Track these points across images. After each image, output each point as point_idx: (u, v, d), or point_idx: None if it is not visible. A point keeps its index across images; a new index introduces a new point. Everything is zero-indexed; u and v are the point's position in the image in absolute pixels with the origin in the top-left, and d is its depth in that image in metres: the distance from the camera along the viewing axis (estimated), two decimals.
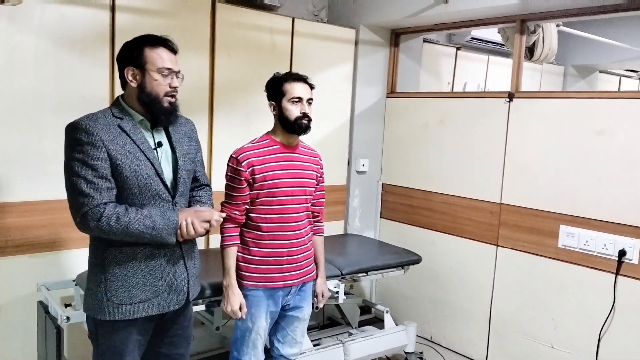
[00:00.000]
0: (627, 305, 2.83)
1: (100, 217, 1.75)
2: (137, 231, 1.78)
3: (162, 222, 1.82)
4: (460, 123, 3.59)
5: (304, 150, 2.45)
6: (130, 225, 1.77)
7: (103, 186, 1.77)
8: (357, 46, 3.87)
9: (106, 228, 1.76)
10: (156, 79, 1.84)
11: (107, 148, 1.78)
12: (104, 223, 1.75)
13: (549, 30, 3.93)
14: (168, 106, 1.88)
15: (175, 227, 1.84)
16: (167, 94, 1.87)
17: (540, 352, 3.20)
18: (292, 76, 2.32)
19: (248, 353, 2.38)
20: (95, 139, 1.77)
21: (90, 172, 1.75)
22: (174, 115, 1.93)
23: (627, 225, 2.81)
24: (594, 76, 6.13)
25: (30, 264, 2.69)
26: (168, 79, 1.86)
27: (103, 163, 1.77)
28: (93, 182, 1.75)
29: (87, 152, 1.76)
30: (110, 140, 1.79)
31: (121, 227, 1.76)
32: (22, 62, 2.56)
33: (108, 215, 1.75)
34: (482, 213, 3.47)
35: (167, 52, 1.87)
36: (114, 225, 1.75)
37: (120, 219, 1.76)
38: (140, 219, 1.79)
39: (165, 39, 1.89)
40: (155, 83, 1.85)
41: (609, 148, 2.88)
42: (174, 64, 1.88)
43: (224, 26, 3.19)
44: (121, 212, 1.77)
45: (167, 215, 1.84)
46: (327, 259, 2.79)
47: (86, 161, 1.75)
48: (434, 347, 3.73)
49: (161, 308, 1.91)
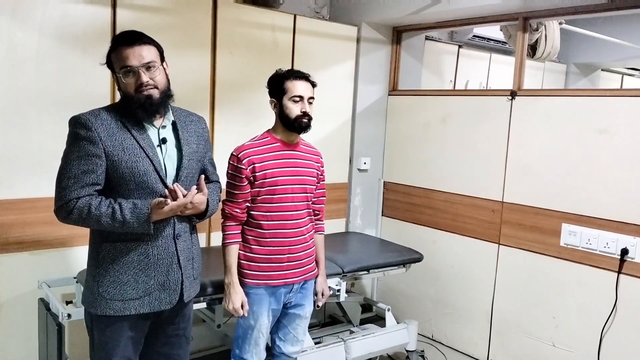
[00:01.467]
0: (629, 304, 2.83)
1: (71, 210, 1.78)
2: (108, 224, 1.80)
3: (132, 216, 1.79)
4: (462, 121, 3.58)
5: (305, 148, 2.44)
6: (101, 219, 1.79)
7: (87, 181, 1.79)
8: (359, 44, 3.86)
9: (78, 220, 1.80)
10: (123, 78, 1.82)
11: (104, 144, 1.79)
12: (75, 215, 1.79)
13: (552, 28, 3.92)
14: (144, 100, 1.82)
15: (146, 218, 1.80)
16: (138, 90, 1.81)
17: (542, 350, 3.19)
18: (294, 74, 2.31)
19: (250, 351, 2.38)
20: (92, 134, 1.78)
21: (81, 167, 1.78)
22: (154, 107, 1.85)
23: (630, 224, 2.80)
24: (596, 74, 6.11)
25: (31, 261, 2.69)
26: (132, 77, 1.81)
27: (96, 159, 1.78)
28: (78, 177, 1.78)
29: (83, 147, 1.78)
30: (108, 136, 1.80)
31: (92, 220, 1.79)
32: (24, 59, 2.56)
33: (79, 208, 1.78)
34: (484, 211, 3.46)
35: (126, 48, 1.80)
36: (85, 217, 1.79)
37: (90, 212, 1.78)
38: (109, 213, 1.78)
39: (122, 33, 1.84)
40: (123, 84, 1.83)
41: (611, 146, 2.87)
42: (136, 58, 1.79)
43: (226, 23, 3.18)
44: (93, 205, 1.78)
45: (138, 208, 1.80)
46: (328, 256, 2.79)
47: (80, 156, 1.78)
48: (435, 346, 3.73)
49: (152, 307, 1.90)
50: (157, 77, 1.85)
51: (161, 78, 1.87)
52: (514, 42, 3.51)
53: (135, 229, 1.81)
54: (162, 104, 1.88)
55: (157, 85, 1.84)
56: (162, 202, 1.79)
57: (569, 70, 5.88)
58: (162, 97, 1.87)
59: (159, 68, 1.86)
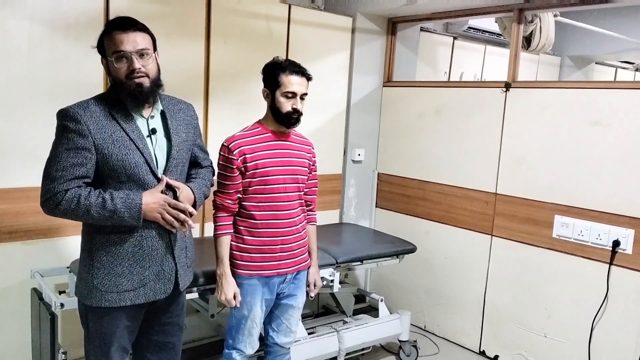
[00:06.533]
0: (620, 295, 2.85)
1: (60, 202, 1.75)
2: (98, 214, 1.76)
3: (124, 206, 1.77)
4: (456, 113, 3.58)
5: (296, 138, 2.43)
6: (90, 209, 1.75)
7: (76, 174, 1.76)
8: (353, 34, 3.85)
9: (67, 212, 1.76)
10: (115, 64, 1.79)
11: (93, 137, 1.76)
12: (63, 206, 1.75)
13: (546, 20, 3.92)
14: (135, 88, 1.79)
15: (138, 210, 1.79)
16: (129, 77, 1.79)
17: (534, 341, 3.22)
18: (290, 68, 2.27)
19: (243, 341, 2.38)
20: (82, 127, 1.75)
21: (69, 159, 1.75)
22: (143, 96, 1.83)
23: (622, 216, 2.82)
24: (590, 67, 6.13)
25: (24, 251, 2.69)
26: (124, 62, 1.78)
27: (86, 152, 1.76)
28: (67, 169, 1.75)
29: (72, 140, 1.75)
30: (98, 129, 1.77)
31: (81, 211, 1.76)
32: (15, 47, 2.54)
33: (68, 200, 1.75)
34: (477, 203, 3.47)
35: (120, 33, 1.77)
36: (74, 208, 1.75)
37: (80, 203, 1.75)
38: (100, 203, 1.76)
39: (117, 18, 1.82)
40: (114, 69, 1.80)
41: (604, 138, 2.88)
42: (130, 44, 1.77)
43: (220, 12, 3.16)
44: (83, 195, 1.75)
45: (130, 198, 1.79)
46: (322, 247, 2.79)
47: (69, 148, 1.75)
48: (427, 336, 3.75)
49: (147, 297, 1.90)
50: (149, 66, 1.83)
51: (153, 67, 1.85)
52: (509, 33, 3.51)
53: (125, 220, 1.79)
54: (152, 93, 1.86)
55: (148, 73, 1.82)
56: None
57: (563, 63, 5.89)
58: (152, 86, 1.84)
59: (151, 57, 1.84)
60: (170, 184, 1.88)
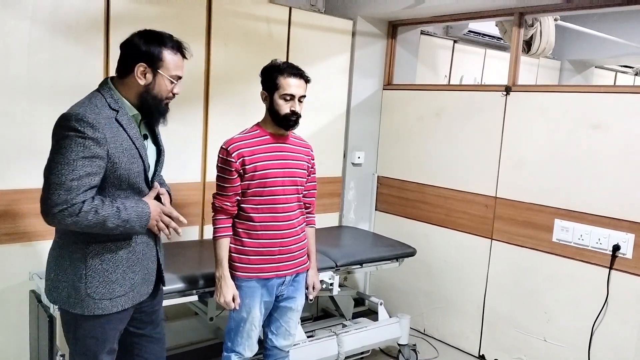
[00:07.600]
0: (620, 300, 2.84)
1: (79, 213, 1.68)
2: (113, 225, 1.74)
3: (136, 216, 1.80)
4: (456, 116, 3.58)
5: (295, 140, 2.43)
6: (107, 220, 1.73)
7: (90, 184, 1.71)
8: (354, 37, 3.85)
9: (81, 222, 1.69)
10: (166, 84, 1.84)
11: (108, 146, 1.74)
12: (82, 218, 1.68)
13: (547, 24, 3.92)
14: (165, 109, 1.90)
15: (147, 218, 1.83)
16: (168, 98, 1.88)
17: (533, 345, 3.21)
18: (288, 70, 2.27)
19: (242, 344, 2.37)
20: (99, 135, 1.71)
21: (85, 168, 1.69)
22: (166, 117, 1.94)
23: (622, 220, 2.81)
24: (590, 71, 6.13)
25: (22, 253, 2.67)
26: (173, 86, 1.87)
27: (100, 161, 1.72)
28: (82, 178, 1.68)
29: (89, 147, 1.69)
30: (112, 137, 1.75)
31: (99, 222, 1.71)
32: (16, 48, 2.53)
33: (86, 211, 1.69)
34: (477, 206, 3.47)
35: (182, 59, 1.88)
36: (92, 218, 1.70)
37: (98, 213, 1.71)
38: (116, 213, 1.74)
39: (183, 46, 1.89)
40: (163, 88, 1.85)
41: (604, 142, 2.88)
42: (183, 71, 1.89)
43: (220, 15, 3.16)
44: (98, 205, 1.71)
45: (140, 207, 1.82)
46: (321, 250, 2.79)
47: (85, 157, 1.68)
48: (427, 340, 3.75)
49: (134, 301, 1.93)
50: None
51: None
52: (509, 37, 3.51)
53: (134, 229, 1.81)
54: None
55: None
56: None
57: (563, 66, 5.89)
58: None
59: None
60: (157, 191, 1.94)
